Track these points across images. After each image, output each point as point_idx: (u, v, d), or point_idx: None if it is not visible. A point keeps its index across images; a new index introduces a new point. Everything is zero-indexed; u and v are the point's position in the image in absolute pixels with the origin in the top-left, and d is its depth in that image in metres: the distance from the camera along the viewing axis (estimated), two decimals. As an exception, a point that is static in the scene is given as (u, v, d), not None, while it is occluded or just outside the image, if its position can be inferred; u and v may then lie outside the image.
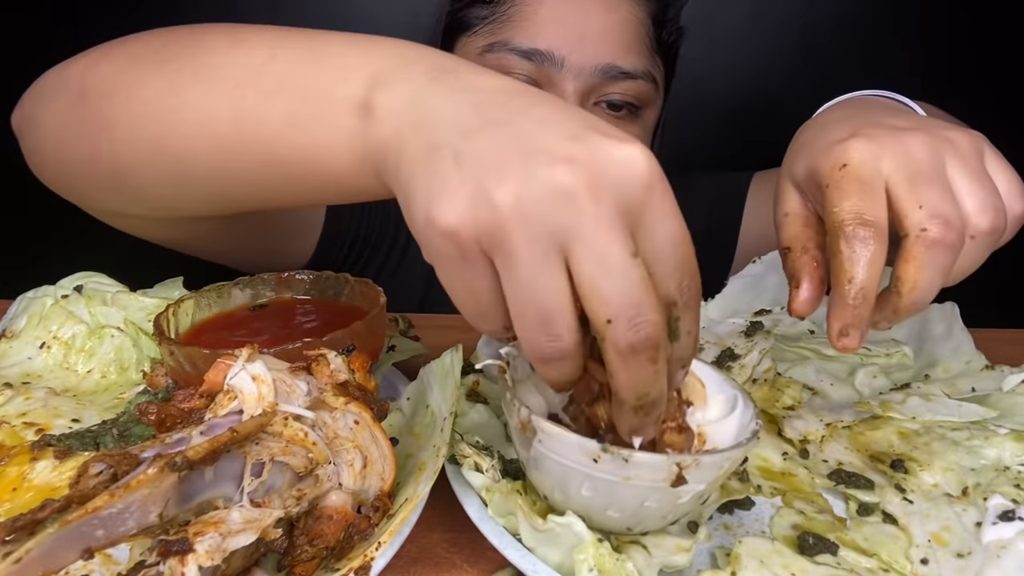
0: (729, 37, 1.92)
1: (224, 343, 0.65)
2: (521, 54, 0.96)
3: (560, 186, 0.38)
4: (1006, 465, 0.62)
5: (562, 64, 0.95)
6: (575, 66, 0.95)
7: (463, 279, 0.41)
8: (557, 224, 0.38)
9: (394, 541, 0.48)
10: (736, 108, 1.97)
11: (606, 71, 0.96)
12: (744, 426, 0.53)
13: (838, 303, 0.51)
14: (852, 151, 0.53)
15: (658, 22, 1.04)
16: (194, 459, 0.39)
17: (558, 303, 0.39)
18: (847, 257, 0.50)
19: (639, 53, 1.00)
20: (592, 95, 0.99)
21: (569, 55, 0.95)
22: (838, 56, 1.94)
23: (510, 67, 0.97)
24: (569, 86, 0.96)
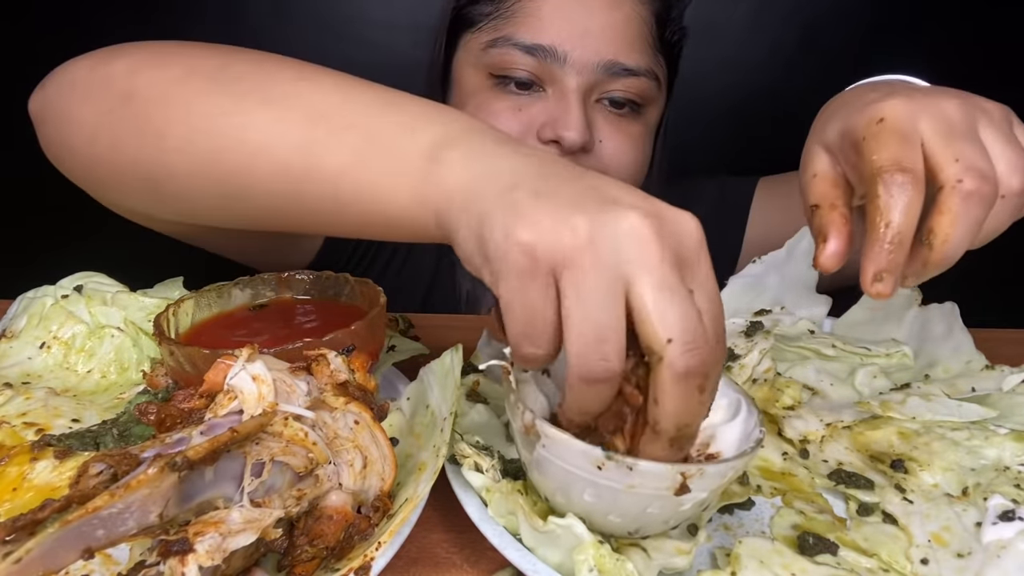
0: (730, 36, 1.92)
1: (224, 343, 0.65)
2: (524, 49, 0.96)
3: (632, 226, 0.41)
4: (1006, 465, 0.62)
5: (565, 60, 0.96)
6: (578, 62, 0.96)
7: (526, 294, 0.43)
8: (626, 257, 0.41)
9: (394, 541, 0.48)
10: (737, 106, 1.97)
11: (609, 67, 0.97)
12: (748, 433, 0.53)
13: (874, 247, 0.52)
14: (888, 108, 0.55)
15: (661, 21, 1.04)
16: (194, 459, 0.39)
17: (615, 326, 0.41)
18: (884, 202, 0.52)
19: (642, 51, 1.00)
20: (594, 91, 0.99)
21: (572, 51, 0.96)
22: (839, 54, 1.94)
23: (513, 62, 0.98)
24: (572, 82, 0.97)
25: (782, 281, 0.92)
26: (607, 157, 1.01)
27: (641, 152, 1.06)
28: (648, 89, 1.02)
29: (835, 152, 0.60)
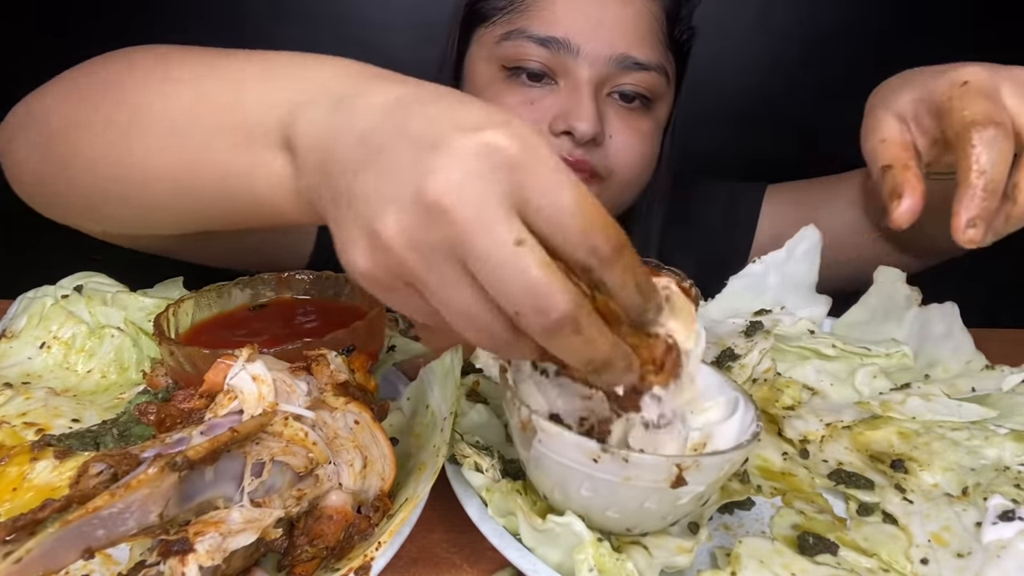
0: (736, 38, 1.92)
1: (224, 343, 0.65)
2: (538, 41, 0.98)
3: (430, 206, 0.38)
4: (1006, 465, 0.62)
5: (578, 52, 0.97)
6: (590, 54, 0.97)
7: (405, 304, 0.43)
8: (441, 242, 0.39)
9: (394, 541, 0.48)
10: (742, 108, 1.97)
11: (620, 61, 0.98)
12: (745, 428, 0.53)
13: (967, 196, 0.56)
14: (970, 73, 0.60)
15: (672, 18, 1.05)
16: (194, 459, 0.39)
17: (475, 308, 0.40)
18: (978, 152, 0.56)
19: (652, 46, 1.01)
20: (606, 85, 1.00)
21: (585, 43, 0.97)
22: (844, 58, 1.94)
23: (527, 54, 0.99)
24: (584, 73, 0.98)
25: (782, 281, 0.92)
26: (616, 152, 1.02)
27: (650, 148, 1.06)
28: (658, 84, 1.02)
29: (906, 118, 0.65)
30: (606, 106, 1.01)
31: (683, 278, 0.79)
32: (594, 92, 0.98)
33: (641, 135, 1.04)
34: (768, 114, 1.98)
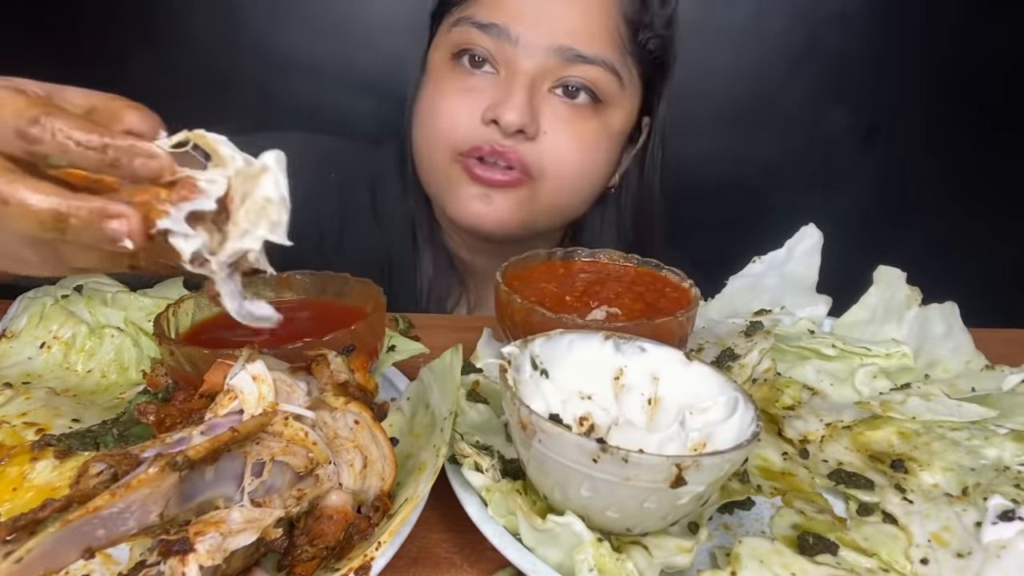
0: (730, 38, 1.92)
1: (224, 343, 0.65)
2: (480, 27, 0.99)
3: None
4: (1006, 465, 0.62)
5: (517, 40, 0.97)
6: (529, 44, 0.97)
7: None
8: None
9: (394, 541, 0.48)
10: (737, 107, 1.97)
11: (561, 52, 0.97)
12: (744, 428, 0.53)
13: None
14: None
15: (633, 22, 1.03)
16: (195, 459, 0.39)
17: None
18: None
19: (603, 42, 1.00)
20: (548, 77, 0.99)
21: (525, 32, 0.97)
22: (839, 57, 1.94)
23: (471, 40, 1.00)
24: (523, 64, 0.98)
25: (782, 281, 0.92)
26: (549, 149, 1.00)
27: (591, 153, 1.04)
28: (605, 82, 1.01)
29: None
30: (546, 102, 1.00)
31: (683, 278, 0.79)
32: (530, 84, 0.98)
33: (580, 138, 1.02)
34: (763, 116, 1.98)
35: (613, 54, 1.01)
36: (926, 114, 2.01)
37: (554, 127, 1.00)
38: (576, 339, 0.61)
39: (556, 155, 1.01)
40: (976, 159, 2.05)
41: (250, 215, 0.44)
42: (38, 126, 0.43)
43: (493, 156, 0.98)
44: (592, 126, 1.03)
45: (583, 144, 1.02)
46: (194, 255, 0.43)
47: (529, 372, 0.58)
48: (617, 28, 1.02)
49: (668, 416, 0.59)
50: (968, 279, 1.19)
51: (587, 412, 0.60)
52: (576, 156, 1.02)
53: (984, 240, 2.04)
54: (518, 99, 0.96)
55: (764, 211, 1.55)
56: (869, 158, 2.06)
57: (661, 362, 0.61)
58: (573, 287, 0.79)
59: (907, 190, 2.07)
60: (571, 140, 1.01)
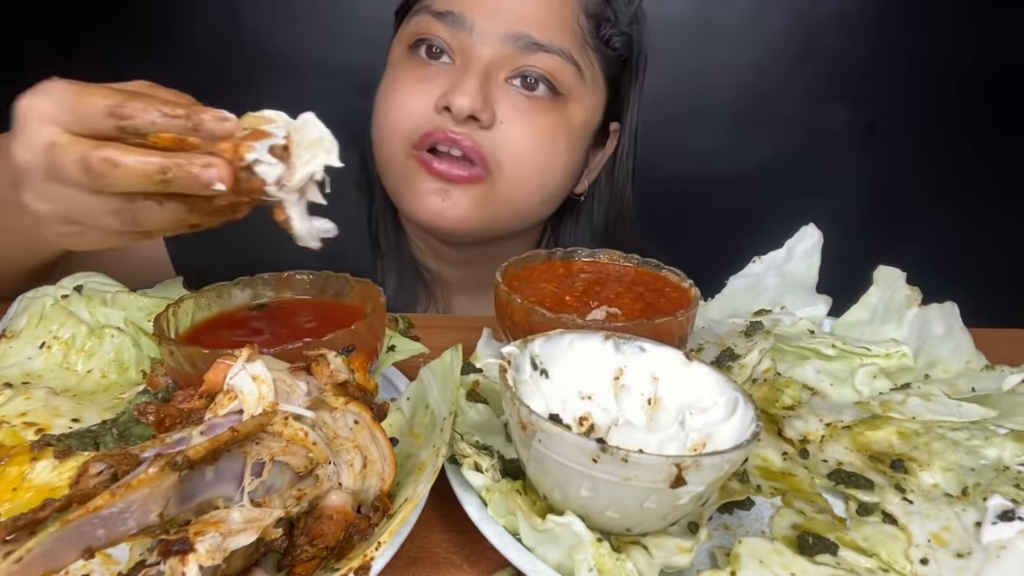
0: (729, 38, 1.92)
1: (224, 343, 0.65)
2: (436, 15, 0.99)
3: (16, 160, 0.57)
4: (1006, 465, 0.62)
5: (472, 28, 0.97)
6: (484, 31, 0.96)
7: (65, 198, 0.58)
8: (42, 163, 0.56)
9: (394, 541, 0.48)
10: (736, 107, 1.97)
11: (516, 39, 0.96)
12: (744, 428, 0.53)
13: None
14: None
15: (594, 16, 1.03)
16: (195, 458, 0.39)
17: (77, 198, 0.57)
18: None
19: (560, 31, 0.99)
20: (505, 66, 0.98)
21: (480, 19, 0.96)
22: (838, 57, 1.94)
23: (427, 29, 0.99)
24: (482, 51, 0.97)
25: (782, 281, 0.92)
26: (504, 139, 0.98)
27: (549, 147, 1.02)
28: (564, 72, 0.99)
29: None
30: (503, 92, 0.98)
31: (683, 278, 0.79)
32: (485, 71, 0.97)
33: (537, 128, 1.00)
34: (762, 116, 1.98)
35: (571, 44, 1.00)
36: (925, 113, 2.01)
37: (510, 118, 0.98)
38: (576, 339, 0.61)
39: (513, 146, 0.99)
40: (975, 158, 2.05)
41: (308, 150, 0.57)
42: (130, 104, 0.53)
43: (447, 144, 0.97)
44: (550, 119, 1.01)
45: (541, 136, 1.00)
46: (277, 179, 0.56)
47: (529, 372, 0.58)
48: (576, 19, 1.01)
49: (668, 416, 0.59)
50: (968, 279, 1.19)
51: (587, 412, 0.60)
52: (533, 148, 1.00)
53: (984, 240, 2.04)
54: (470, 84, 0.95)
55: (764, 211, 1.55)
56: (869, 158, 2.06)
57: (661, 362, 0.61)
58: (573, 287, 0.79)
59: (907, 190, 2.07)
60: (528, 131, 0.99)
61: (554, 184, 1.06)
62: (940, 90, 1.98)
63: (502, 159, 0.99)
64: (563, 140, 1.03)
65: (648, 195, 1.24)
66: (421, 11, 1.01)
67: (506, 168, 0.99)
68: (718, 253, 1.08)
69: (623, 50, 1.08)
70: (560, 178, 1.06)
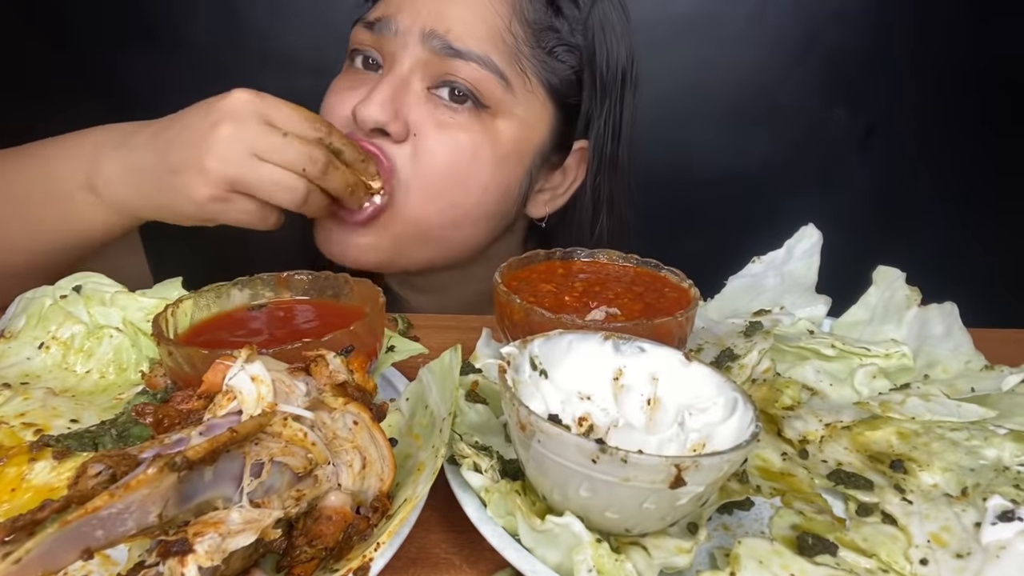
0: (729, 38, 1.92)
1: (223, 343, 0.65)
2: (366, 25, 0.98)
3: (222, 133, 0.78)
4: (1005, 465, 0.62)
5: (396, 30, 0.94)
6: (405, 31, 0.93)
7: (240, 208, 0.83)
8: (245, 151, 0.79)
9: (393, 542, 0.48)
10: (736, 107, 1.97)
11: (431, 37, 0.92)
12: (744, 428, 0.53)
13: None
14: None
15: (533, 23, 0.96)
16: (194, 459, 0.39)
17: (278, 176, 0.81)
18: None
19: (484, 38, 0.93)
20: (425, 74, 0.94)
21: (402, 20, 0.94)
22: (839, 57, 1.94)
23: (359, 40, 0.99)
24: (404, 57, 0.93)
25: (782, 281, 0.92)
26: (417, 153, 0.93)
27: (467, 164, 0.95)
28: (486, 82, 0.93)
29: None
30: (423, 104, 0.94)
31: (683, 278, 0.79)
32: (402, 80, 0.93)
33: (455, 145, 0.94)
34: (762, 116, 1.98)
35: (496, 53, 0.94)
36: (925, 114, 2.01)
37: (426, 131, 0.93)
38: (575, 339, 0.61)
39: (423, 161, 0.93)
40: (975, 159, 2.05)
41: None
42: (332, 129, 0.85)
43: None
44: (472, 134, 0.94)
45: (459, 154, 0.94)
46: None
47: (528, 372, 0.58)
48: (508, 26, 0.95)
49: (667, 416, 0.59)
50: (968, 279, 1.19)
51: (586, 412, 0.60)
52: (445, 163, 0.94)
53: (984, 240, 2.04)
54: (380, 94, 0.91)
55: (764, 211, 1.55)
56: (869, 158, 2.06)
57: (660, 362, 0.61)
58: (572, 287, 0.79)
59: (906, 190, 2.07)
60: (444, 148, 0.93)
61: (471, 205, 0.98)
62: (940, 91, 1.98)
63: (410, 177, 0.94)
64: (485, 157, 0.96)
65: (647, 195, 1.24)
66: (358, 23, 1.00)
67: (413, 189, 0.94)
68: (718, 253, 1.08)
69: (574, 62, 1.01)
70: (480, 198, 0.98)
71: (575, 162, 1.09)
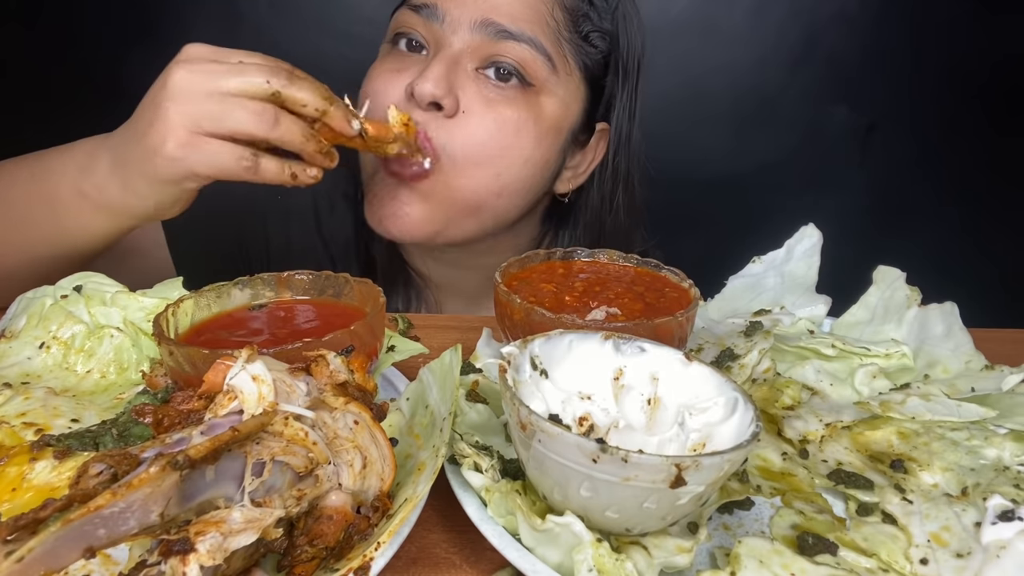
0: (729, 38, 1.92)
1: (223, 343, 0.65)
2: (413, 8, 1.00)
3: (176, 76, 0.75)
4: (1005, 465, 0.62)
5: (444, 19, 0.98)
6: (455, 20, 0.98)
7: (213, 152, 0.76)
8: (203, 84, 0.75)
9: (393, 541, 0.48)
10: (736, 107, 1.97)
11: (484, 26, 0.97)
12: (744, 428, 0.53)
13: None
14: None
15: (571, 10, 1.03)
16: (196, 458, 0.39)
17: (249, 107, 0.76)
18: None
19: (532, 21, 0.99)
20: (475, 55, 0.98)
21: (450, 9, 0.98)
22: (839, 58, 1.94)
23: (405, 22, 1.01)
24: (454, 41, 0.98)
25: (782, 281, 0.92)
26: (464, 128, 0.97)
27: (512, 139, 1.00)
28: (534, 63, 0.99)
29: None
30: (472, 81, 0.98)
31: (683, 278, 0.79)
32: (452, 58, 0.97)
33: (501, 119, 0.99)
34: (762, 116, 1.98)
35: (543, 36, 1.00)
36: (925, 114, 2.01)
37: (475, 108, 0.97)
38: (576, 339, 0.61)
39: (472, 137, 0.98)
40: (976, 159, 2.05)
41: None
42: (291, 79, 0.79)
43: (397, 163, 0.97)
44: (517, 109, 1.00)
45: (504, 128, 0.99)
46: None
47: (529, 372, 0.58)
48: (551, 11, 1.01)
49: (668, 416, 0.59)
50: (968, 279, 1.19)
51: (587, 412, 0.60)
52: (494, 139, 0.99)
53: (984, 240, 2.04)
54: (434, 70, 0.95)
55: (764, 211, 1.55)
56: (869, 158, 2.06)
57: (661, 362, 0.61)
58: (572, 287, 0.79)
59: (906, 190, 2.07)
60: (490, 122, 0.98)
61: (513, 176, 1.03)
62: (940, 91, 1.99)
63: (459, 150, 0.98)
64: (530, 132, 1.01)
65: (648, 195, 1.24)
66: (402, 6, 1.04)
67: (460, 160, 0.98)
68: (718, 253, 1.08)
69: (604, 47, 1.08)
70: (521, 170, 1.03)
71: (595, 142, 1.15)
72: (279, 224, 1.18)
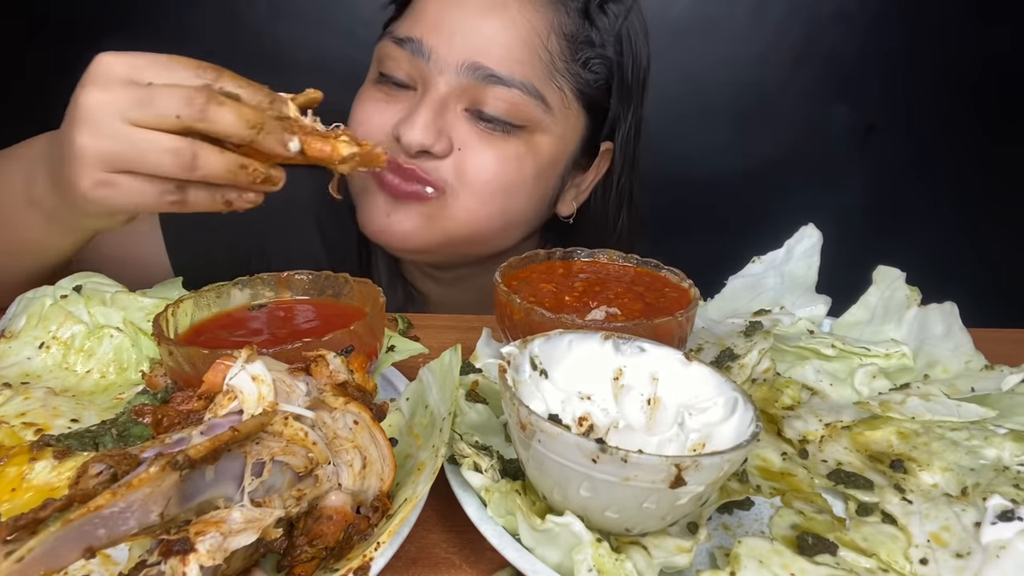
0: (730, 38, 1.92)
1: (223, 343, 0.65)
2: (396, 41, 0.97)
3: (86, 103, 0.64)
4: (1005, 465, 0.62)
5: (429, 56, 0.94)
6: (441, 60, 0.94)
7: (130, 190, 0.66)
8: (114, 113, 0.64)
9: (393, 541, 0.48)
10: (736, 107, 1.97)
11: (472, 69, 0.93)
12: (744, 428, 0.53)
13: None
14: None
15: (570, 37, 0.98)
16: (195, 458, 0.39)
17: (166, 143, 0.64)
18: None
19: (523, 61, 0.95)
20: (463, 97, 0.95)
21: (436, 47, 0.94)
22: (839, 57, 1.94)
23: (388, 55, 0.98)
24: (440, 83, 0.94)
25: (782, 281, 0.92)
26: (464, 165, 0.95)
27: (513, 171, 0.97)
28: (524, 105, 0.95)
29: None
30: (461, 120, 0.95)
31: (682, 278, 0.79)
32: (440, 102, 0.94)
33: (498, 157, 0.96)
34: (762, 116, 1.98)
35: (534, 75, 0.95)
36: (924, 114, 2.02)
37: (470, 144, 0.95)
38: (575, 339, 0.61)
39: (473, 168, 0.96)
40: (976, 159, 2.05)
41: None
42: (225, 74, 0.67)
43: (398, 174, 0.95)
44: (514, 144, 0.97)
45: (504, 160, 0.97)
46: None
47: (528, 372, 0.58)
48: (544, 45, 0.96)
49: (667, 416, 0.59)
50: (968, 279, 1.19)
51: (586, 412, 0.60)
52: (494, 170, 0.96)
53: (983, 240, 2.04)
54: (421, 118, 0.92)
55: (764, 211, 1.55)
56: (868, 157, 2.06)
57: (660, 362, 0.61)
58: (572, 287, 0.79)
59: (906, 190, 2.07)
60: (485, 159, 0.96)
61: (517, 211, 1.02)
62: (939, 91, 1.98)
63: (460, 179, 0.96)
64: (529, 166, 0.99)
65: (648, 195, 1.24)
66: (386, 36, 1.00)
67: (464, 187, 0.96)
68: (718, 253, 1.08)
69: (604, 73, 1.03)
70: (528, 203, 1.02)
71: (598, 161, 1.13)
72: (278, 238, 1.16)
